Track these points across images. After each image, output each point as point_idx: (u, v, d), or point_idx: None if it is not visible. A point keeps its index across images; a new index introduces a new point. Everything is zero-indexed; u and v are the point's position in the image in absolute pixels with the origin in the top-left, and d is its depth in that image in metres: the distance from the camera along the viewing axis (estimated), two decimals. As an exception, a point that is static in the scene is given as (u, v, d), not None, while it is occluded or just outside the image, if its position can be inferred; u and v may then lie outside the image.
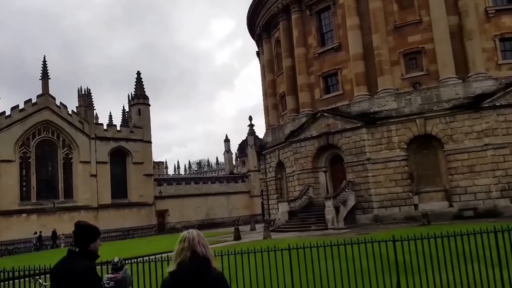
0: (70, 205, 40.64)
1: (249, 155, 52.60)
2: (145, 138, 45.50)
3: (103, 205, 42.62)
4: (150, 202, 45.27)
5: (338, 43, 27.59)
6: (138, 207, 44.42)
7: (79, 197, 41.44)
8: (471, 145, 22.90)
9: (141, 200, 44.71)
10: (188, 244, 2.54)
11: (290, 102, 30.52)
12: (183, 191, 48.11)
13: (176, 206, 47.27)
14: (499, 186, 22.27)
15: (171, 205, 47.16)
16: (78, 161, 41.94)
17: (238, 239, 23.07)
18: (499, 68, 24.20)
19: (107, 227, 41.36)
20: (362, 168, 25.05)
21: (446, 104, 23.58)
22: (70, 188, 41.66)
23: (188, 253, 2.51)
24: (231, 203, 51.31)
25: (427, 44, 24.81)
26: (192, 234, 2.62)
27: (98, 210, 41.96)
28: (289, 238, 20.46)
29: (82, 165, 41.99)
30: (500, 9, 24.67)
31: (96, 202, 41.95)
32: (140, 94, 45.28)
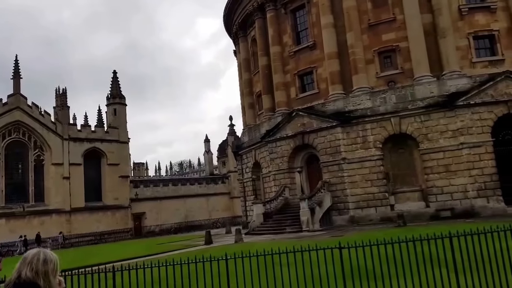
0: (41, 209, 39.22)
1: (229, 156, 51.82)
2: (121, 138, 44.31)
3: (76, 208, 41.28)
4: (126, 205, 44.07)
5: (313, 42, 27.06)
6: (113, 210, 43.19)
7: (50, 200, 40.03)
8: (447, 144, 22.58)
9: (117, 203, 43.49)
10: (20, 264, 2.22)
11: (266, 101, 29.86)
12: (161, 193, 47.03)
13: (154, 208, 46.17)
14: (476, 186, 21.97)
15: (148, 207, 46.05)
16: (50, 163, 40.55)
17: (210, 243, 22.28)
18: (473, 66, 23.98)
19: (80, 231, 40.25)
20: (337, 168, 24.53)
21: (420, 103, 23.23)
22: (41, 191, 40.24)
23: (15, 274, 2.20)
24: (211, 205, 50.45)
25: (402, 43, 24.46)
26: (29, 254, 2.18)
27: (71, 214, 40.62)
28: (261, 242, 19.75)
29: (54, 167, 40.60)
30: (474, 7, 24.47)
31: (68, 206, 40.59)
32: (116, 94, 44.10)
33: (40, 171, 40.56)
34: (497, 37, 24.12)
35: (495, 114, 22.41)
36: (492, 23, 24.32)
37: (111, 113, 44.08)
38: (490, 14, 24.42)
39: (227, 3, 33.42)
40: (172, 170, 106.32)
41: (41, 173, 40.52)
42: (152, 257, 17.22)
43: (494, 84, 22.58)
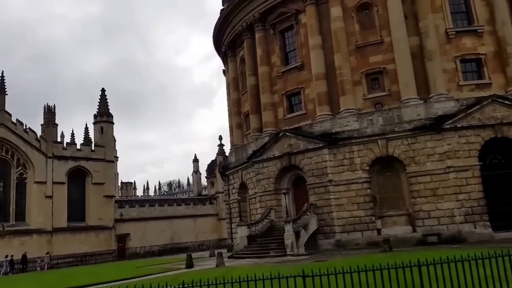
0: (22, 229, 38.29)
1: (218, 176, 51.30)
2: (107, 157, 43.80)
3: (58, 228, 40.37)
4: (110, 226, 43.18)
5: (301, 62, 27.15)
6: (96, 230, 42.27)
7: (31, 220, 39.16)
8: (433, 168, 22.38)
9: (100, 224, 42.61)
10: None
11: (253, 121, 29.72)
12: (147, 213, 46.26)
13: (139, 229, 45.30)
14: (463, 211, 21.67)
15: (133, 228, 45.16)
16: (32, 181, 39.86)
17: (191, 267, 21.62)
18: (461, 89, 24.06)
19: (62, 252, 39.29)
20: (324, 190, 24.18)
21: (407, 125, 23.16)
22: (22, 210, 39.43)
23: None
24: (198, 227, 49.64)
25: (389, 65, 24.57)
26: None
27: (53, 234, 39.66)
28: (242, 266, 19.21)
29: (37, 185, 39.89)
30: (461, 31, 24.73)
31: (50, 225, 39.68)
32: (103, 112, 43.85)
33: (23, 189, 39.83)
34: (484, 61, 24.31)
35: (482, 137, 22.33)
36: (479, 46, 24.57)
37: (98, 131, 43.74)
38: (477, 38, 24.69)
39: (216, 22, 33.68)
40: (161, 190, 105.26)
41: (23, 192, 39.78)
42: (128, 281, 16.59)
43: (481, 108, 22.59)
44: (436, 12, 24.76)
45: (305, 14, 27.00)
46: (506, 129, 22.31)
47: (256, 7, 29.11)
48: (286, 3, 27.83)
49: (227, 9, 31.53)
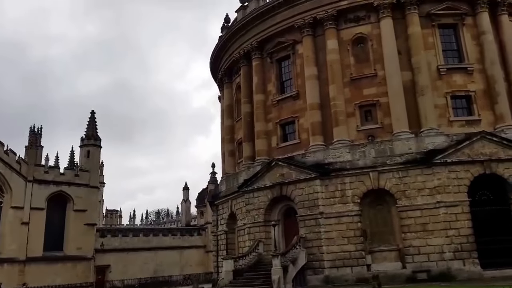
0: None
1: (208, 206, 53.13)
2: (92, 183, 45.61)
3: (33, 258, 41.31)
4: (89, 256, 44.48)
5: (296, 92, 29.94)
6: (74, 261, 43.47)
7: (4, 247, 40.15)
8: (424, 202, 24.67)
9: (79, 253, 43.87)
10: None
11: (246, 149, 32.13)
12: (130, 244, 47.73)
13: (120, 261, 46.64)
14: (452, 247, 23.72)
15: (114, 259, 46.51)
16: (9, 206, 41.19)
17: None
18: (451, 125, 26.82)
19: (35, 284, 39.80)
20: (314, 222, 26.16)
21: (399, 158, 25.66)
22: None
23: None
24: (184, 259, 51.02)
25: (382, 98, 27.38)
26: None
27: (26, 264, 40.62)
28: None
29: (13, 210, 41.18)
30: (451, 68, 27.84)
31: (24, 254, 40.74)
32: (91, 135, 46.05)
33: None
34: (473, 98, 27.28)
35: (472, 173, 24.87)
36: (469, 84, 27.61)
37: (84, 155, 45.76)
38: (467, 76, 27.77)
39: (214, 49, 36.75)
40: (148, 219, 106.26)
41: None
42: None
43: (470, 144, 25.26)
44: (429, 49, 27.90)
45: (302, 45, 30.05)
46: (495, 166, 24.92)
47: (254, 36, 32.21)
48: (284, 33, 30.94)
49: (225, 36, 34.65)
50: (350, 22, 29.00)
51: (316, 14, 29.10)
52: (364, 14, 28.77)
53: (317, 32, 29.62)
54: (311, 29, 29.52)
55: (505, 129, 26.22)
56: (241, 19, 33.00)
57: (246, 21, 32.15)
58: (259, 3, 32.50)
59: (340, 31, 29.02)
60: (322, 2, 29.09)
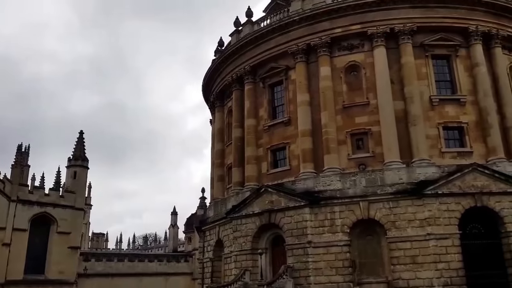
0: (-31, 280, 38.63)
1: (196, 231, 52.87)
2: (77, 204, 45.21)
3: (12, 281, 40.24)
4: (71, 281, 43.72)
5: (288, 118, 30.33)
6: (55, 285, 42.60)
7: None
8: (414, 234, 24.74)
9: (61, 277, 43.05)
10: None
11: (236, 175, 32.29)
12: (114, 269, 47.14)
13: (104, 286, 45.94)
14: (442, 281, 23.67)
15: (98, 285, 45.84)
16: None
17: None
18: (443, 156, 27.18)
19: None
20: (302, 252, 26.14)
21: (390, 188, 25.86)
22: (-26, 259, 39.88)
23: None
24: (170, 286, 50.34)
25: (374, 126, 27.77)
26: None
27: (5, 287, 39.97)
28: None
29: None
30: (444, 99, 28.40)
31: (3, 277, 39.89)
32: (78, 155, 45.97)
33: (-22, 235, 40.51)
34: (466, 129, 27.75)
35: (463, 206, 25.07)
36: (461, 115, 28.12)
37: (71, 176, 45.57)
38: (460, 107, 28.30)
39: (207, 72, 37.35)
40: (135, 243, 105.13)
41: (-22, 238, 40.44)
42: None
43: (462, 176, 25.56)
44: (422, 79, 28.51)
45: (295, 71, 30.64)
46: (486, 199, 25.17)
47: (247, 60, 32.83)
48: (277, 58, 31.56)
49: (218, 59, 35.29)
50: (343, 50, 29.67)
51: (310, 40, 29.77)
52: (358, 42, 29.48)
53: (310, 58, 30.24)
54: (305, 56, 30.14)
55: (497, 162, 26.59)
56: (235, 43, 33.65)
57: (240, 45, 32.79)
58: (253, 27, 33.22)
59: (333, 58, 29.65)
60: (316, 29, 29.80)
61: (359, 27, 29.15)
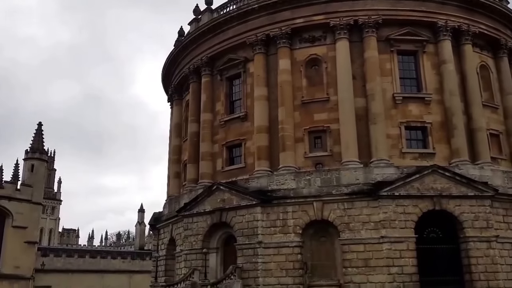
0: None
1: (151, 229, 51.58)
2: (34, 198, 43.85)
3: (-36, 274, 39.49)
4: (28, 276, 42.48)
5: (245, 113, 28.91)
6: (10, 280, 41.43)
7: None
8: (368, 236, 23.60)
9: (17, 272, 41.87)
10: None
11: (190, 171, 30.90)
12: (74, 265, 45.83)
13: (62, 283, 44.66)
14: (394, 285, 22.55)
15: (56, 281, 44.51)
16: None
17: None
18: (403, 157, 25.95)
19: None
20: (252, 252, 24.95)
21: (345, 189, 24.64)
22: None
23: None
24: (134, 284, 49.13)
25: (333, 124, 26.44)
26: None
27: (-44, 282, 38.73)
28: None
29: None
30: (408, 97, 27.04)
31: (-46, 271, 38.85)
32: (36, 148, 44.54)
33: None
34: (429, 130, 26.46)
35: (420, 209, 23.90)
36: (426, 115, 26.82)
37: (28, 169, 44.15)
38: (424, 106, 27.01)
39: (165, 63, 35.68)
40: (108, 240, 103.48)
41: None
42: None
43: (421, 177, 24.37)
44: (385, 75, 27.09)
45: (253, 63, 29.11)
46: (445, 202, 24.03)
47: (205, 50, 31.16)
48: (236, 49, 29.97)
49: (175, 50, 33.67)
50: (305, 42, 28.22)
51: (269, 31, 28.21)
52: (320, 35, 28.03)
53: (270, 50, 28.73)
54: (264, 47, 28.58)
55: (459, 164, 25.41)
56: (193, 31, 32.03)
57: (197, 35, 31.14)
58: (212, 15, 31.54)
59: (294, 50, 28.16)
60: (276, 18, 28.20)
61: (322, 17, 27.67)
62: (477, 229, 23.51)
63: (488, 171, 25.58)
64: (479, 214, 23.83)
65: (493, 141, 27.72)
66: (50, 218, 75.92)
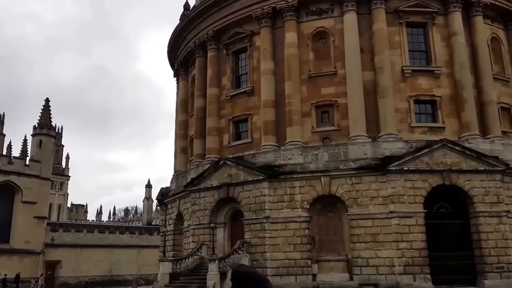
0: None
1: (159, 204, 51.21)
2: (43, 174, 43.44)
3: (-25, 250, 39.40)
4: (38, 251, 42.39)
5: (251, 87, 27.97)
6: (21, 254, 41.40)
7: None
8: (376, 211, 22.97)
9: (27, 247, 41.80)
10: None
11: (197, 146, 30.20)
12: (83, 240, 45.67)
13: (72, 257, 44.60)
14: (403, 260, 22.12)
15: (66, 255, 44.43)
16: (-49, 193, 39.11)
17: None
18: (412, 131, 25.07)
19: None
20: (260, 227, 24.45)
21: (353, 164, 23.89)
22: None
23: None
24: (142, 258, 49.05)
25: (340, 98, 25.52)
26: None
27: (-33, 256, 38.66)
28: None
29: (-44, 198, 39.14)
30: (417, 70, 25.99)
31: (-34, 245, 38.76)
32: (44, 123, 43.88)
33: None
34: (439, 104, 25.49)
35: (429, 183, 23.17)
36: (435, 88, 25.80)
37: (36, 145, 43.58)
38: (434, 79, 25.97)
39: (170, 37, 34.56)
40: (116, 215, 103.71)
41: None
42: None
43: (430, 152, 23.55)
44: (394, 48, 25.99)
45: (259, 37, 28.02)
46: (455, 177, 23.26)
47: (210, 24, 30.03)
48: (242, 23, 28.83)
49: (181, 24, 32.50)
50: (312, 15, 27.02)
51: (276, 3, 26.97)
52: (328, 7, 26.82)
53: (276, 23, 27.58)
54: (270, 20, 27.42)
55: (469, 139, 24.54)
56: (198, 5, 30.84)
57: (203, 8, 29.89)
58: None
59: (300, 23, 27.01)
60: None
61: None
62: (488, 204, 22.79)
63: (499, 145, 24.71)
64: (490, 189, 23.09)
65: (504, 115, 26.73)
66: (58, 194, 75.89)
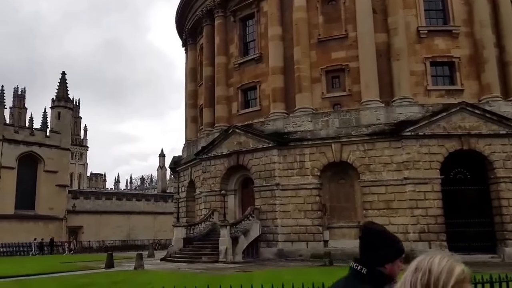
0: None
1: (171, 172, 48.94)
2: (63, 145, 41.24)
3: (4, 215, 37.77)
4: (61, 217, 40.66)
5: (259, 54, 24.74)
6: (46, 220, 39.71)
7: (-25, 203, 36.60)
8: (390, 178, 20.11)
9: (51, 214, 40.05)
10: None
11: (206, 115, 27.33)
12: (102, 206, 43.73)
13: (92, 223, 42.75)
14: (418, 227, 19.39)
15: (87, 221, 42.62)
16: (-23, 163, 37.28)
17: (111, 267, 19.74)
18: (428, 94, 21.80)
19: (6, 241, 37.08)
20: (270, 194, 21.87)
21: (365, 130, 20.87)
22: (-36, 193, 36.82)
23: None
24: (158, 224, 47.16)
25: (352, 62, 22.24)
26: None
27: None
28: (159, 272, 17.27)
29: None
30: (434, 30, 22.45)
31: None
32: (62, 96, 41.37)
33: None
34: (457, 65, 22.00)
35: (447, 149, 20.10)
36: (453, 49, 22.27)
37: (55, 117, 41.30)
38: (452, 39, 22.40)
39: (178, 7, 31.13)
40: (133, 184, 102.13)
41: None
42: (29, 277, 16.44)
43: (447, 116, 20.36)
44: (409, 8, 22.46)
45: (267, 2, 24.64)
46: (474, 141, 20.12)
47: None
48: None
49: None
50: (321, -24, 23.57)
51: (283, -35, 23.64)
52: (338, -33, 23.34)
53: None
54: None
55: (490, 101, 21.08)
56: (205, -29, 27.50)
57: (210, -26, 26.66)
58: (224, -47, 26.83)
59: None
60: (291, -49, 23.51)
61: None
62: (509, 170, 19.65)
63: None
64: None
65: (526, 76, 23.15)
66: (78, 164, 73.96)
